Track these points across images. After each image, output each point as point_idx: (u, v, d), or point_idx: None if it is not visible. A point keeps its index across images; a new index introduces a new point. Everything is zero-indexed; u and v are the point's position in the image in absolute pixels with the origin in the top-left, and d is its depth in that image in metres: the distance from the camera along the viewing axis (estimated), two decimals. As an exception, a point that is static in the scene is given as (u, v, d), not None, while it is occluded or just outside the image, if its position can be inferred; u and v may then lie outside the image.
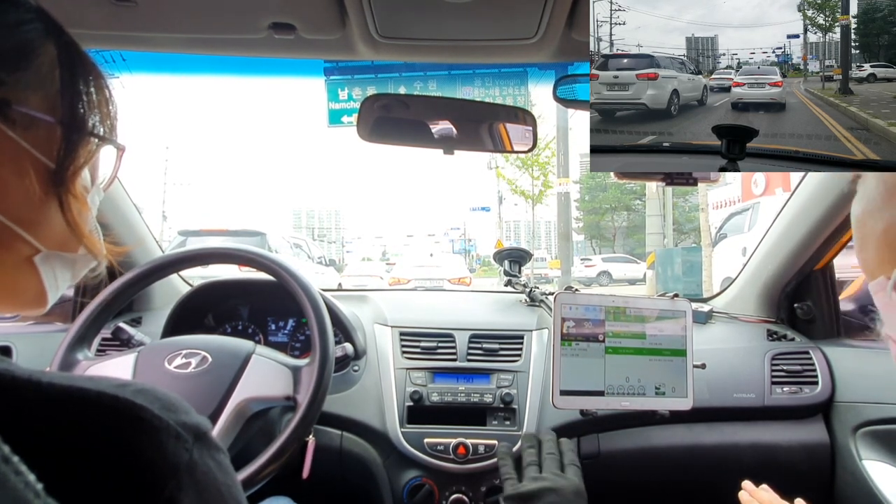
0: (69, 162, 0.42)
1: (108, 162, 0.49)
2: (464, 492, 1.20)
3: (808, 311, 1.49)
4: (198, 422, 0.38)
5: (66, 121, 0.42)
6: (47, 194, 0.42)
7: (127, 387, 0.36)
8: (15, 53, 0.39)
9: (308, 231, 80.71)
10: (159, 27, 0.89)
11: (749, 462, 1.27)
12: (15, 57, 0.39)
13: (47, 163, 0.41)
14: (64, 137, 0.42)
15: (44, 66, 0.41)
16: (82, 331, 1.03)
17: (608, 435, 1.28)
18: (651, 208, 11.72)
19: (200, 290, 1.41)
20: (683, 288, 9.45)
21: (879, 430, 1.20)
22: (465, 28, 0.88)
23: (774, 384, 1.32)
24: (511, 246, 1.73)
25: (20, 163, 0.39)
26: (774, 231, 1.48)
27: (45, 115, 0.41)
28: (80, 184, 0.44)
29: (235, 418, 0.95)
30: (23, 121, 0.39)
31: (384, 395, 1.27)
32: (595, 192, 33.51)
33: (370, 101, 1.06)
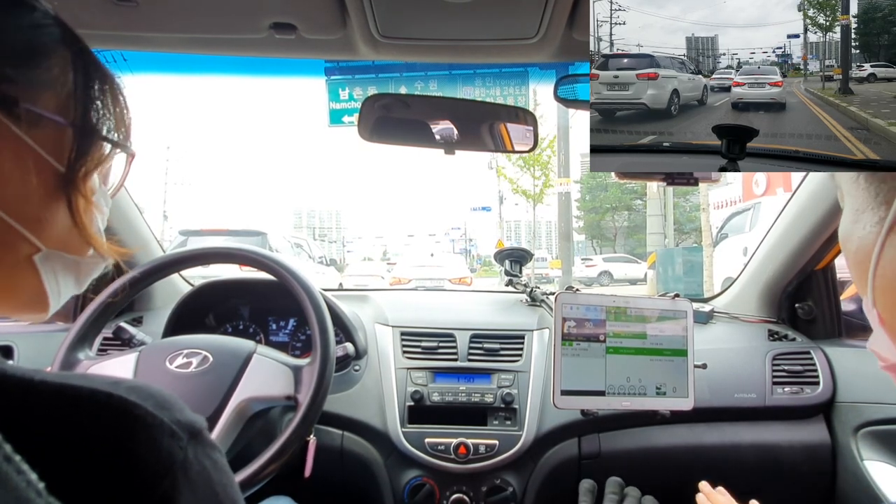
0: (80, 164, 0.43)
1: (117, 167, 0.50)
2: (464, 492, 1.20)
3: (810, 311, 1.48)
4: (193, 420, 0.37)
5: (78, 123, 0.43)
6: (54, 193, 0.42)
7: (120, 384, 0.35)
8: (27, 53, 0.40)
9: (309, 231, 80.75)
10: (160, 27, 0.89)
11: (750, 462, 1.27)
12: (26, 56, 0.40)
13: (55, 163, 0.41)
14: (76, 139, 0.43)
15: (55, 67, 0.41)
16: (83, 330, 1.03)
17: (609, 435, 1.28)
18: (652, 208, 11.71)
19: (201, 289, 1.42)
20: (684, 288, 9.43)
21: (881, 431, 1.20)
22: (465, 28, 0.88)
23: (775, 384, 1.32)
24: (512, 246, 1.74)
25: (25, 159, 0.40)
26: (775, 231, 1.48)
27: (54, 116, 0.41)
28: (90, 186, 0.45)
29: (236, 418, 0.95)
30: (30, 118, 0.39)
31: (385, 395, 1.27)
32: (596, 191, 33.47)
33: (371, 101, 1.06)
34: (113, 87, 0.46)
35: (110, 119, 0.46)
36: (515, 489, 1.21)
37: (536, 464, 1.25)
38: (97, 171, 0.46)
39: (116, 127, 0.46)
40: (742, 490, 0.98)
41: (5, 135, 0.38)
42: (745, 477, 1.27)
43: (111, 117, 0.46)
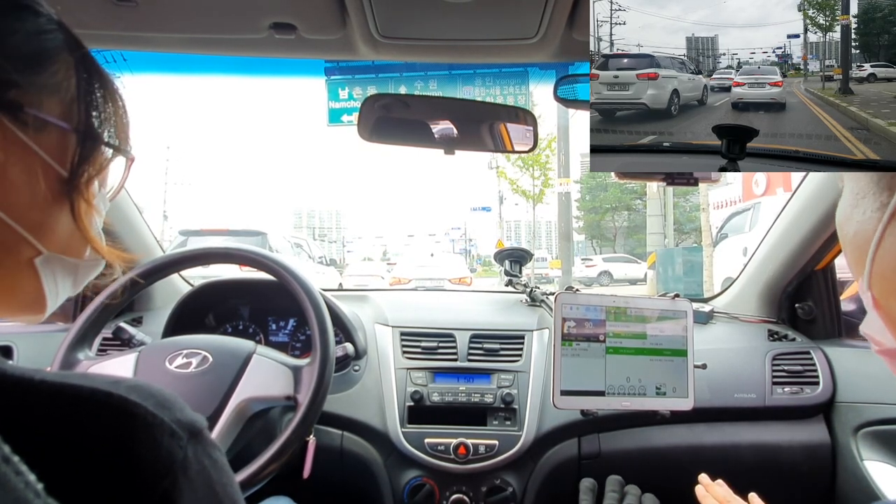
0: (83, 169, 0.43)
1: (116, 170, 0.50)
2: (464, 492, 1.20)
3: (810, 311, 1.48)
4: (193, 419, 0.37)
5: (81, 128, 0.43)
6: (57, 198, 0.42)
7: (120, 384, 0.35)
8: (31, 58, 0.40)
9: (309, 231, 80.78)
10: (160, 27, 0.89)
11: (750, 462, 1.27)
12: (31, 62, 0.40)
13: (58, 167, 0.42)
14: (79, 144, 0.43)
15: (59, 73, 0.42)
16: (83, 330, 1.03)
17: (609, 435, 1.28)
18: (652, 208, 11.71)
19: (201, 289, 1.42)
20: (684, 288, 9.43)
21: (880, 431, 1.20)
22: (465, 28, 0.88)
23: (775, 384, 1.32)
24: (512, 246, 1.74)
25: (30, 165, 0.40)
26: (775, 231, 1.48)
27: (59, 121, 0.41)
28: (92, 190, 0.45)
29: (236, 418, 0.95)
30: (35, 124, 0.40)
31: (385, 395, 1.27)
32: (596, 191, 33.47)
33: (371, 101, 1.06)
34: (113, 91, 0.47)
35: (111, 123, 0.46)
36: (515, 489, 1.21)
37: (536, 464, 1.25)
38: (98, 176, 0.46)
39: (117, 131, 0.47)
40: (742, 490, 0.98)
41: (12, 141, 0.38)
42: (744, 477, 1.26)
43: (112, 122, 0.46)
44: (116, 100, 0.47)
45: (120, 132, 0.47)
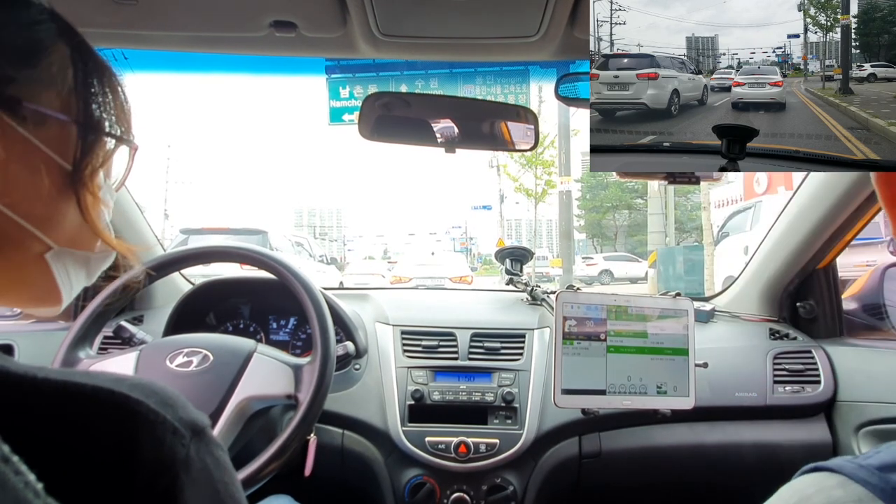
0: (87, 160, 0.43)
1: (120, 161, 0.49)
2: (465, 491, 1.20)
3: (811, 309, 1.48)
4: (196, 417, 0.37)
5: (81, 120, 0.42)
6: (63, 192, 0.42)
7: (124, 381, 0.35)
8: (26, 51, 0.39)
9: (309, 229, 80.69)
10: (160, 25, 0.89)
11: (751, 461, 1.27)
12: (26, 55, 0.39)
13: (61, 161, 0.41)
14: (80, 136, 0.42)
15: (55, 64, 0.41)
16: (84, 329, 1.04)
17: (610, 434, 1.28)
18: (653, 207, 11.70)
19: (202, 288, 1.42)
20: (685, 287, 9.42)
21: (882, 430, 1.20)
22: (466, 26, 0.88)
23: (776, 383, 1.32)
24: (512, 244, 1.74)
25: (32, 159, 0.40)
26: (777, 230, 1.48)
27: (58, 114, 0.41)
28: (96, 182, 0.45)
29: (237, 417, 0.95)
30: (35, 118, 0.39)
31: (385, 394, 1.28)
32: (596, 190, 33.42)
33: (371, 100, 1.06)
34: (112, 79, 0.46)
35: (112, 113, 0.45)
36: (516, 488, 1.22)
37: (537, 463, 1.25)
38: (103, 167, 0.45)
39: (118, 120, 0.46)
40: (742, 489, 0.98)
41: (12, 136, 0.38)
42: (745, 476, 1.26)
43: (112, 111, 0.46)
44: (116, 88, 0.46)
45: (121, 121, 0.46)
